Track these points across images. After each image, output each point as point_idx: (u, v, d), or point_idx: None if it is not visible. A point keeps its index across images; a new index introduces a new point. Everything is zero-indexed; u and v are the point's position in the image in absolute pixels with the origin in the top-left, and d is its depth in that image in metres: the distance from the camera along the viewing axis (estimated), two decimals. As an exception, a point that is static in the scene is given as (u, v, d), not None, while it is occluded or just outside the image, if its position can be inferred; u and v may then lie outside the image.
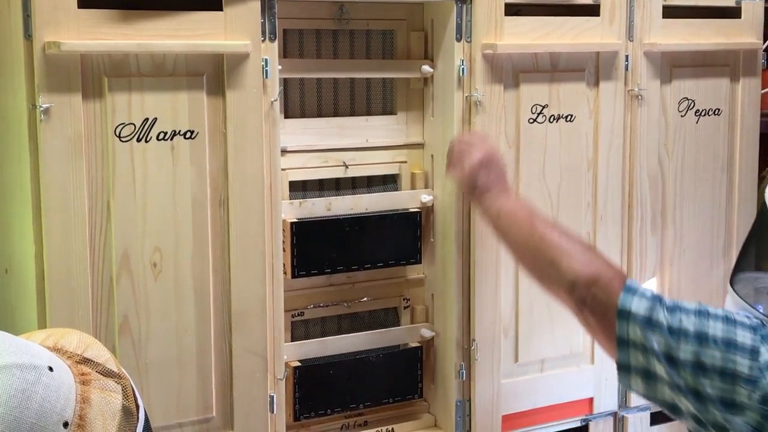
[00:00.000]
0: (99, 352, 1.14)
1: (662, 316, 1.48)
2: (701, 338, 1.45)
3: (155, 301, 1.74)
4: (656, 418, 2.32)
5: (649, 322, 1.48)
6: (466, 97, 2.02)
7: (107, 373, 1.11)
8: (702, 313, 1.48)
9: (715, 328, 1.45)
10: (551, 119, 2.10)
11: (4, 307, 1.85)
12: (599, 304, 1.55)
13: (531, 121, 2.08)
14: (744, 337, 1.44)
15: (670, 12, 2.22)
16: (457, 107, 2.02)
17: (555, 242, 1.66)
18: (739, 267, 1.66)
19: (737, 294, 1.58)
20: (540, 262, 1.68)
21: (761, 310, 1.54)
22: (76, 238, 1.67)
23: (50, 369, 1.03)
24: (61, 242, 1.66)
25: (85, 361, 1.11)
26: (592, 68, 2.15)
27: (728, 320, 1.47)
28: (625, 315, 1.50)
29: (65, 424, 1.02)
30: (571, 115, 2.13)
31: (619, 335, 1.51)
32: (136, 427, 1.09)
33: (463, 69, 2.00)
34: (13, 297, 1.81)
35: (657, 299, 1.51)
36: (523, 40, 2.05)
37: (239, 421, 1.83)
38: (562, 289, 1.61)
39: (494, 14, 2.01)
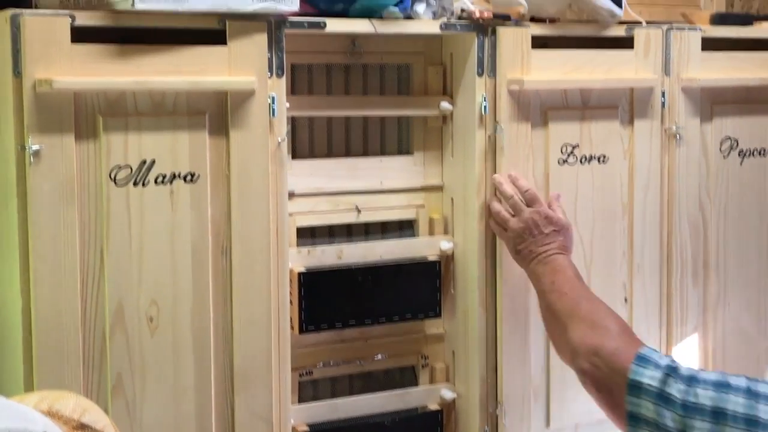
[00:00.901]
0: (97, 417, 1.15)
1: (676, 390, 1.47)
2: (719, 415, 1.43)
3: (151, 358, 1.76)
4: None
5: (662, 397, 1.47)
6: (489, 136, 2.05)
7: None
8: (721, 385, 1.46)
9: (736, 404, 1.43)
10: (582, 160, 2.13)
11: (-12, 365, 1.87)
12: (601, 376, 1.55)
13: (561, 162, 2.11)
14: None
15: (709, 44, 2.24)
16: (479, 147, 2.05)
17: (569, 307, 1.69)
18: None
19: None
20: (553, 325, 1.72)
21: None
22: (67, 290, 1.69)
23: None
24: (50, 294, 1.68)
25: (83, 426, 1.13)
26: (626, 105, 2.18)
27: (751, 393, 1.44)
28: (636, 389, 1.50)
29: None
30: (604, 156, 2.15)
31: (630, 411, 1.50)
32: None
33: (485, 106, 2.04)
34: (-2, 354, 1.84)
35: (672, 370, 1.50)
36: (552, 75, 2.09)
37: (242, 492, 1.84)
38: (567, 356, 1.63)
39: (520, 47, 2.05)
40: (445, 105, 2.10)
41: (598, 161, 2.15)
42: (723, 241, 2.30)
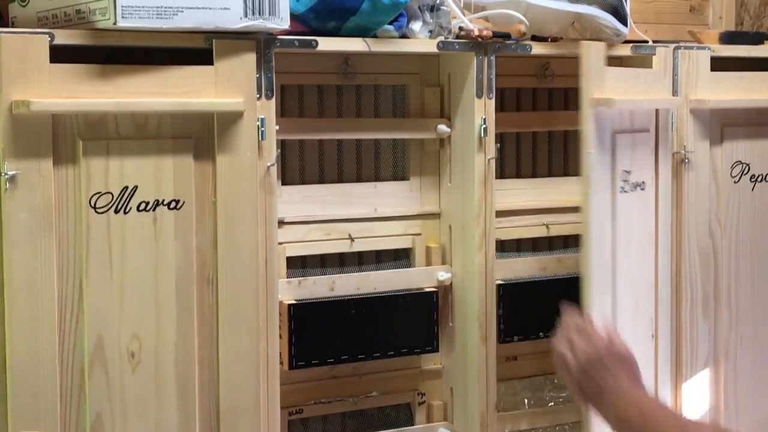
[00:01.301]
0: None
1: None
2: None
3: (133, 396, 1.73)
4: None
5: None
6: (489, 160, 2.04)
7: None
8: None
9: None
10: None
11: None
12: None
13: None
14: None
15: (719, 64, 2.24)
16: (479, 171, 2.04)
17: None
18: None
19: None
20: None
21: None
22: (44, 324, 1.66)
23: None
24: (26, 329, 1.65)
25: None
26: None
27: None
28: None
29: None
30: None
31: None
32: None
33: (484, 128, 2.03)
34: (-31, 392, 1.81)
35: None
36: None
37: None
38: None
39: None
40: (442, 128, 2.09)
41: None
42: (735, 272, 2.29)
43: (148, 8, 1.67)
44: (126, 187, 1.71)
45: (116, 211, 1.71)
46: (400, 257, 2.13)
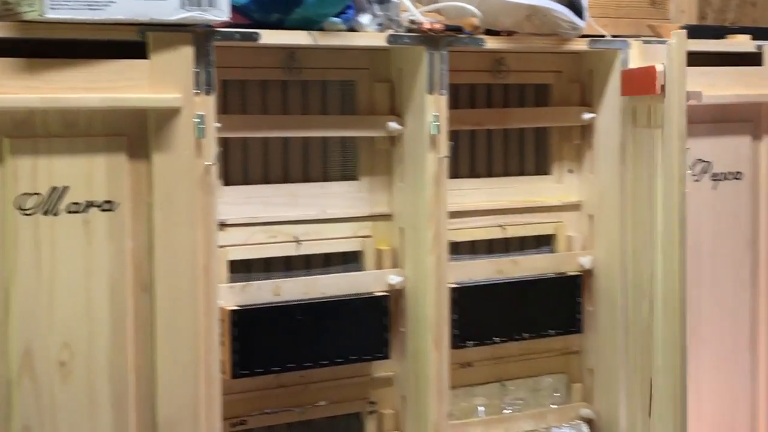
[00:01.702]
0: None
1: None
2: None
3: (63, 408, 1.70)
4: None
5: None
6: (441, 158, 2.01)
7: None
8: None
9: None
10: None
11: None
12: None
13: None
14: None
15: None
16: (430, 171, 2.02)
17: None
18: None
19: None
20: None
21: None
22: (-32, 333, 1.63)
23: None
24: (-52, 338, 1.62)
25: None
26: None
27: None
28: None
29: None
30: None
31: None
32: None
33: (436, 126, 2.00)
34: None
35: None
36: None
37: None
38: None
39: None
40: (393, 125, 2.07)
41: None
42: (695, 274, 2.27)
43: (78, 0, 1.64)
44: (55, 188, 1.67)
45: (45, 213, 1.67)
46: (350, 260, 2.10)
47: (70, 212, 1.69)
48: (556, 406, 2.29)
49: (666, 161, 2.03)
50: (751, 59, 2.34)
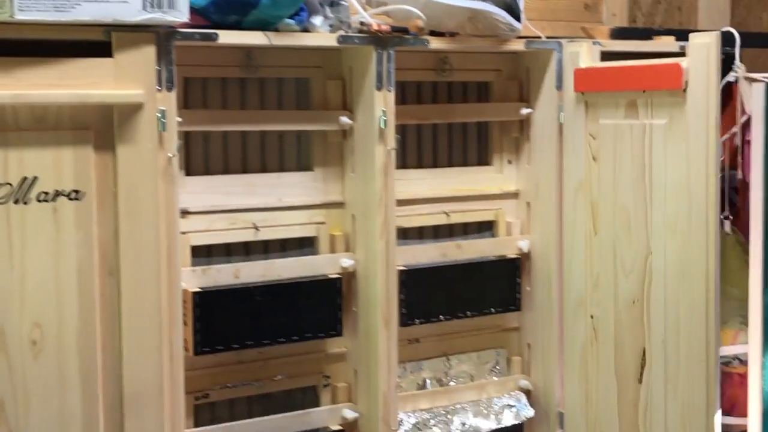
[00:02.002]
0: None
1: None
2: None
3: (35, 383, 1.68)
4: None
5: None
6: (389, 150, 2.01)
7: None
8: None
9: None
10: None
11: None
12: None
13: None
14: None
15: (610, 57, 2.22)
16: (379, 162, 2.01)
17: None
18: None
19: None
20: None
21: None
22: (-57, 314, 1.61)
23: None
24: (-75, 318, 1.60)
25: None
26: (527, 119, 2.16)
27: None
28: None
29: None
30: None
31: None
32: None
33: (384, 120, 2.00)
34: None
35: None
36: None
37: None
38: None
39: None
40: (344, 119, 2.06)
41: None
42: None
43: (45, 1, 1.62)
44: (25, 178, 1.65)
45: (16, 202, 1.65)
46: (305, 245, 2.10)
47: (39, 201, 1.66)
48: (496, 378, 2.30)
49: (694, 151, 1.95)
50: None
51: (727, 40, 2.11)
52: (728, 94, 2.21)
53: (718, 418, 1.99)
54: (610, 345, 2.16)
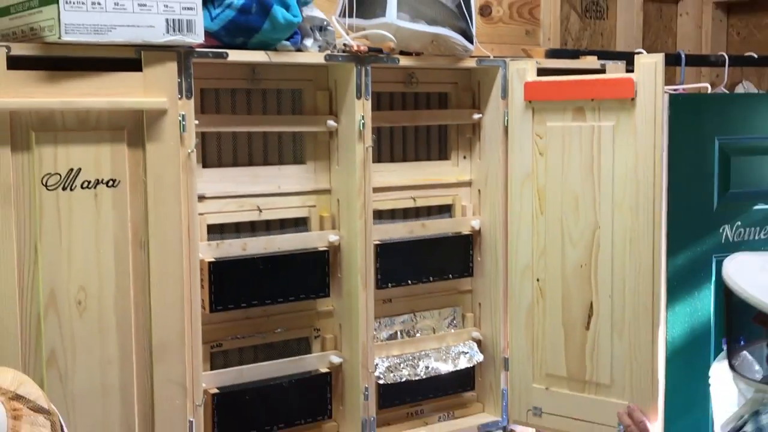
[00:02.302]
0: (31, 390, 1.10)
1: None
2: None
3: (80, 336, 1.68)
4: None
5: None
6: (367, 148, 2.01)
7: (38, 409, 1.07)
8: None
9: None
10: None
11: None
12: None
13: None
14: None
15: (546, 73, 2.23)
16: (359, 157, 2.02)
17: None
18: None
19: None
20: None
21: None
22: (5, 279, 1.60)
23: None
24: (-10, 284, 1.59)
25: (18, 397, 1.07)
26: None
27: None
28: None
29: None
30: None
31: None
32: None
33: (363, 123, 2.00)
34: (-53, 335, 1.74)
35: None
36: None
37: (161, 446, 1.78)
38: None
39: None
40: (331, 123, 2.06)
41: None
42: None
43: (87, 26, 1.62)
44: (72, 169, 1.65)
45: (63, 189, 1.65)
46: (299, 224, 2.09)
47: (83, 188, 1.66)
48: (453, 331, 2.31)
49: (642, 142, 2.00)
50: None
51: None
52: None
53: (662, 355, 2.02)
54: (557, 301, 2.17)
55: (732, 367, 1.57)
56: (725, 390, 1.75)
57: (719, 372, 1.80)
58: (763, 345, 1.58)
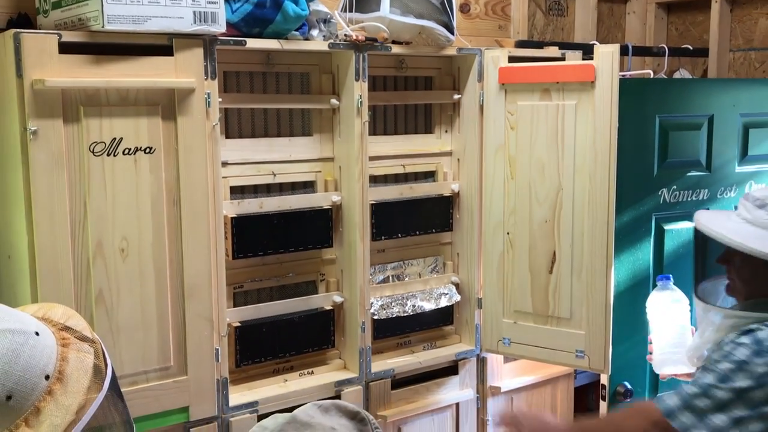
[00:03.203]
0: (78, 322, 1.09)
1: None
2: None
3: (123, 278, 1.67)
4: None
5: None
6: (364, 123, 1.98)
7: (83, 338, 1.06)
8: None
9: None
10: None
11: (7, 285, 1.75)
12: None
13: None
14: None
15: (514, 60, 2.19)
16: (357, 130, 1.99)
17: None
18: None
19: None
20: None
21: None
22: (60, 231, 1.59)
23: (36, 334, 0.97)
24: (47, 234, 1.58)
25: (66, 328, 1.06)
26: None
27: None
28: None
29: (47, 377, 0.97)
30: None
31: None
32: (104, 380, 1.04)
33: (360, 102, 1.97)
34: (13, 277, 1.72)
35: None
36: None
37: (192, 369, 1.77)
38: None
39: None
40: (333, 101, 2.03)
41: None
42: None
43: (126, 16, 1.58)
44: (114, 138, 1.63)
45: (108, 155, 1.63)
46: (307, 186, 2.07)
47: (124, 154, 1.64)
48: (436, 276, 2.29)
49: (600, 118, 1.98)
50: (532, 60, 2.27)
51: (591, 50, 2.09)
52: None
53: (611, 293, 2.03)
54: (524, 250, 2.15)
55: (702, 299, 1.58)
56: (658, 314, 1.83)
57: (653, 301, 1.86)
58: (724, 280, 1.61)
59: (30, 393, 0.93)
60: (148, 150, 1.66)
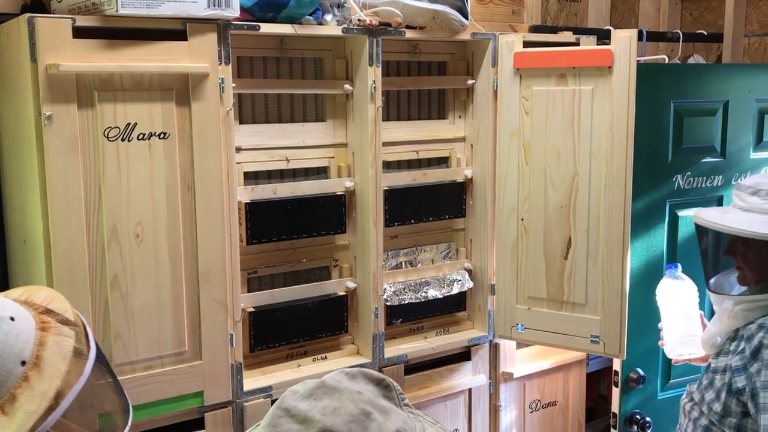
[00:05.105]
0: (60, 305, 1.07)
1: None
2: None
3: (138, 263, 1.65)
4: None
5: None
6: (377, 108, 1.96)
7: (65, 322, 1.04)
8: None
9: None
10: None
11: (23, 269, 1.74)
12: None
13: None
14: None
15: (528, 45, 2.16)
16: (370, 115, 1.96)
17: None
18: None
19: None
20: None
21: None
22: (75, 216, 1.57)
23: (11, 319, 0.95)
24: (62, 219, 1.56)
25: (48, 311, 1.04)
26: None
27: None
28: None
29: (23, 363, 0.95)
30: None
31: None
32: (85, 364, 1.02)
33: (374, 87, 1.94)
34: (28, 262, 1.71)
35: None
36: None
37: (206, 354, 1.76)
38: None
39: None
40: (347, 86, 2.00)
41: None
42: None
43: (140, 1, 1.56)
44: (129, 123, 1.61)
45: (122, 140, 1.61)
46: (321, 172, 2.05)
47: (139, 139, 1.62)
48: (449, 262, 2.28)
49: (617, 103, 1.95)
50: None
51: (606, 35, 2.06)
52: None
53: (627, 278, 2.00)
54: (539, 236, 2.12)
55: (715, 292, 1.62)
56: (667, 301, 1.85)
57: (662, 289, 1.87)
58: (735, 272, 1.64)
59: (5, 380, 0.91)
60: (162, 135, 1.64)
